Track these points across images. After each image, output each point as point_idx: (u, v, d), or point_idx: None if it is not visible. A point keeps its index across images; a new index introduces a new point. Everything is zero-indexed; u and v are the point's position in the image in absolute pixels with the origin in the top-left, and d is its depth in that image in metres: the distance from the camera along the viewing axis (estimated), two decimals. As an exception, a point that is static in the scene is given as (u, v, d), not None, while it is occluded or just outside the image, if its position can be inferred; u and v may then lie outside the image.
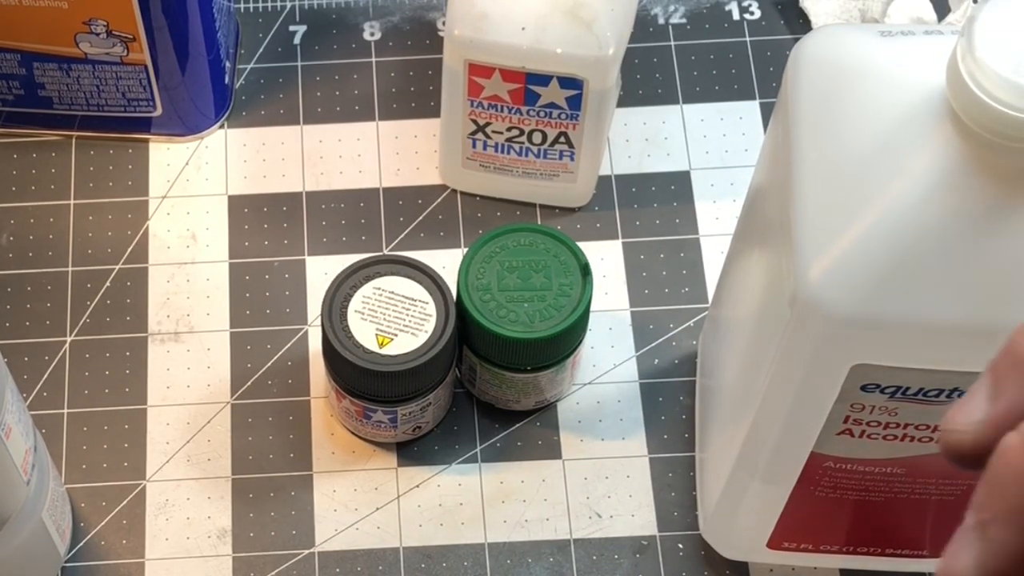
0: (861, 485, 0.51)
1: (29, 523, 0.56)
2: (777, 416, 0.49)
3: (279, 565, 0.61)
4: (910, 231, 0.42)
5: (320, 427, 0.64)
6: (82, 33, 0.64)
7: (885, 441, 0.48)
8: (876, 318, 0.43)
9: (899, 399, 0.47)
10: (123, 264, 0.66)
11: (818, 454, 0.50)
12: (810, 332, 0.45)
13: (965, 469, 0.36)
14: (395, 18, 0.72)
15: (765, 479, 0.53)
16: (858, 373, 0.45)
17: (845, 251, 0.43)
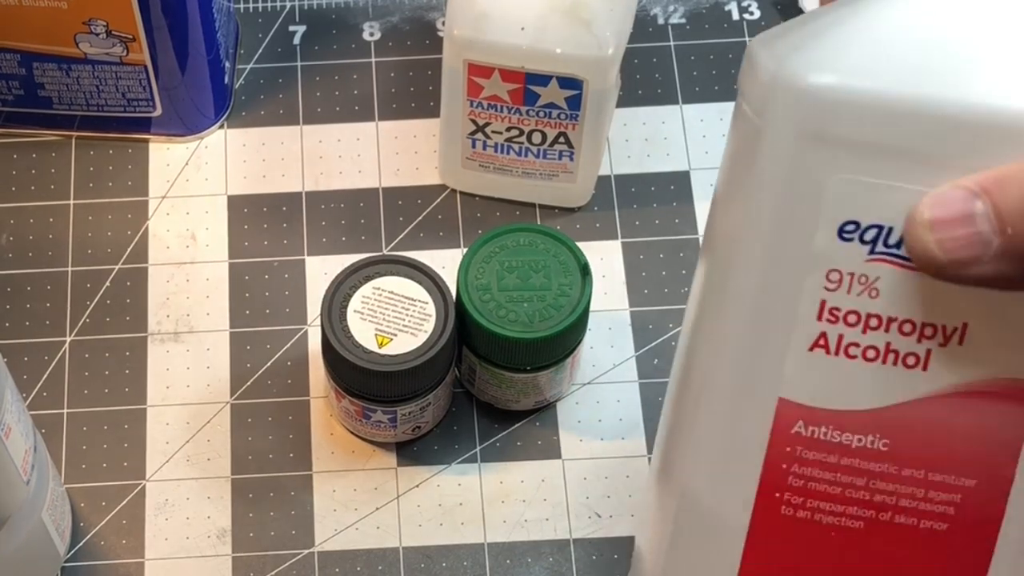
0: (837, 487, 0.45)
1: (29, 523, 0.56)
2: (741, 318, 0.43)
3: (279, 565, 0.61)
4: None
5: (320, 427, 0.64)
6: (82, 33, 0.64)
7: (866, 362, 0.42)
8: (851, 88, 0.39)
9: (880, 257, 0.41)
10: (123, 264, 0.67)
11: (787, 403, 0.43)
12: (784, 131, 0.40)
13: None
14: (395, 18, 0.72)
15: (715, 467, 0.45)
16: (838, 200, 0.40)
17: (812, 33, 0.40)
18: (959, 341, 0.42)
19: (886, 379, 0.42)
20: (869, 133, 0.40)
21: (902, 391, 0.42)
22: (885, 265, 0.41)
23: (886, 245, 0.41)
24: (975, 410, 0.42)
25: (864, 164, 0.40)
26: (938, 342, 0.42)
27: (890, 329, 0.42)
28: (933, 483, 0.43)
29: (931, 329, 0.42)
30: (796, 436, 0.43)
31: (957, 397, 0.42)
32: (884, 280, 0.41)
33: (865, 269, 0.41)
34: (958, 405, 0.42)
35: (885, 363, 0.42)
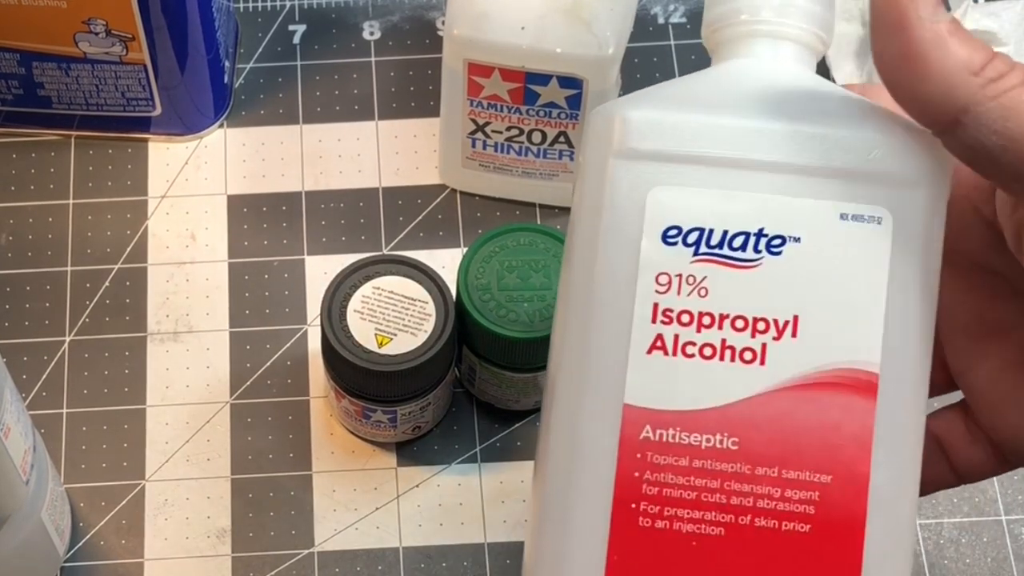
0: (692, 491, 0.43)
1: (28, 523, 0.56)
2: (579, 324, 0.44)
3: (278, 565, 0.61)
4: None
5: (320, 427, 0.64)
6: (81, 33, 0.64)
7: (704, 360, 0.43)
8: (659, 115, 0.44)
9: (704, 258, 0.43)
10: (122, 264, 0.66)
11: (632, 409, 0.43)
12: (604, 154, 0.44)
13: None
14: (395, 18, 0.72)
15: (568, 480, 0.45)
16: (659, 209, 0.43)
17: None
18: (792, 334, 0.43)
19: (726, 376, 0.43)
20: (671, 147, 0.43)
21: (743, 387, 0.43)
22: (710, 265, 0.43)
23: (708, 246, 0.43)
24: (818, 403, 0.43)
25: (675, 175, 0.43)
26: (772, 336, 0.43)
27: (723, 326, 0.43)
28: (788, 481, 0.43)
29: (763, 324, 0.43)
30: (645, 442, 0.43)
31: (798, 390, 0.43)
32: (711, 279, 0.43)
33: (692, 270, 0.43)
34: (800, 398, 0.43)
35: (723, 360, 0.43)
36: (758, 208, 0.43)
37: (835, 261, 0.43)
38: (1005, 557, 0.61)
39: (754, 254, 0.43)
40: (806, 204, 0.43)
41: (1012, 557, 0.61)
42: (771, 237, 0.43)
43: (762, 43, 0.45)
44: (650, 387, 0.43)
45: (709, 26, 0.46)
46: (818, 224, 0.43)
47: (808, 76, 0.45)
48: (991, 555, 0.61)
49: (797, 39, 0.45)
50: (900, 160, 0.43)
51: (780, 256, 0.43)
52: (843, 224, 0.43)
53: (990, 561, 0.61)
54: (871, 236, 0.43)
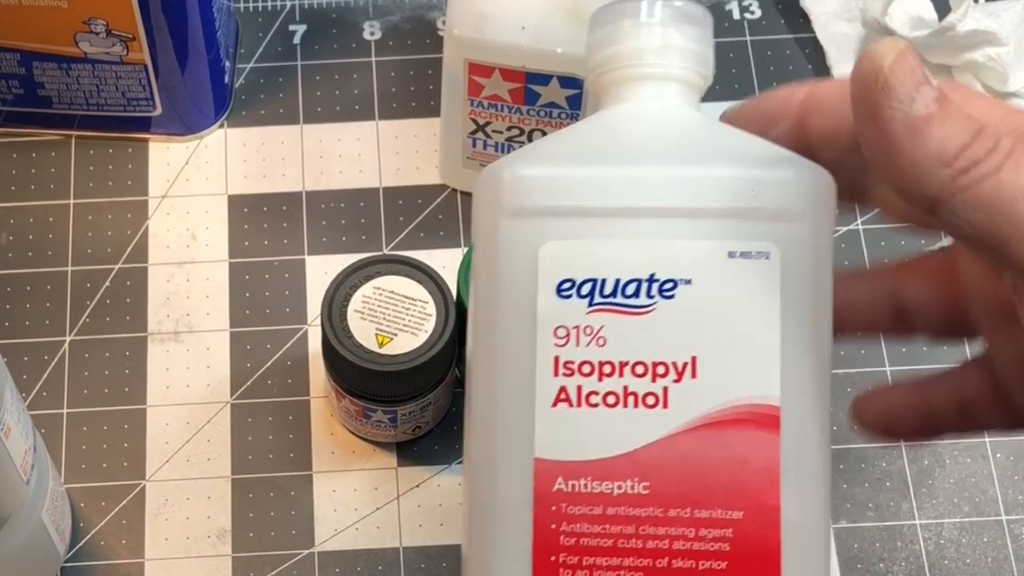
0: (608, 539, 0.44)
1: (29, 523, 0.56)
2: (488, 388, 0.45)
3: (279, 565, 0.61)
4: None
5: (320, 427, 0.64)
6: (82, 33, 0.64)
7: (608, 408, 0.44)
8: (542, 172, 0.44)
9: (600, 308, 0.44)
10: (123, 264, 0.66)
11: (543, 462, 0.44)
12: (494, 214, 0.44)
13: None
14: (395, 18, 0.72)
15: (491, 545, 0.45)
16: (550, 265, 0.44)
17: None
18: (692, 375, 0.43)
19: (631, 422, 0.44)
20: (558, 202, 0.44)
21: (648, 431, 0.44)
22: (606, 314, 0.44)
23: (602, 296, 0.44)
24: (723, 440, 0.43)
25: (564, 229, 0.44)
26: (672, 379, 0.43)
27: (624, 373, 0.44)
28: (701, 521, 0.44)
29: (663, 367, 0.43)
30: (559, 494, 0.44)
31: (703, 430, 0.43)
32: (608, 328, 0.44)
33: (588, 321, 0.44)
34: (706, 438, 0.43)
35: (626, 407, 0.44)
36: (648, 254, 0.44)
37: (727, 299, 0.43)
38: (1005, 557, 0.61)
39: (647, 300, 0.44)
40: (694, 246, 0.43)
41: (1012, 557, 0.61)
42: (663, 282, 0.43)
43: (647, 85, 0.46)
44: (558, 439, 0.44)
45: (593, 71, 0.47)
46: (707, 265, 0.43)
47: (693, 116, 0.46)
48: (991, 555, 0.61)
49: (680, 79, 0.46)
50: (783, 195, 0.43)
51: (673, 299, 0.43)
52: (732, 262, 0.43)
53: (990, 561, 0.61)
54: (760, 272, 0.43)
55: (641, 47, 0.46)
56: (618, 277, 0.44)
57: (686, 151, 0.45)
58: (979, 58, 0.66)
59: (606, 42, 0.47)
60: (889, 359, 0.65)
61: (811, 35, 0.71)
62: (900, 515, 0.62)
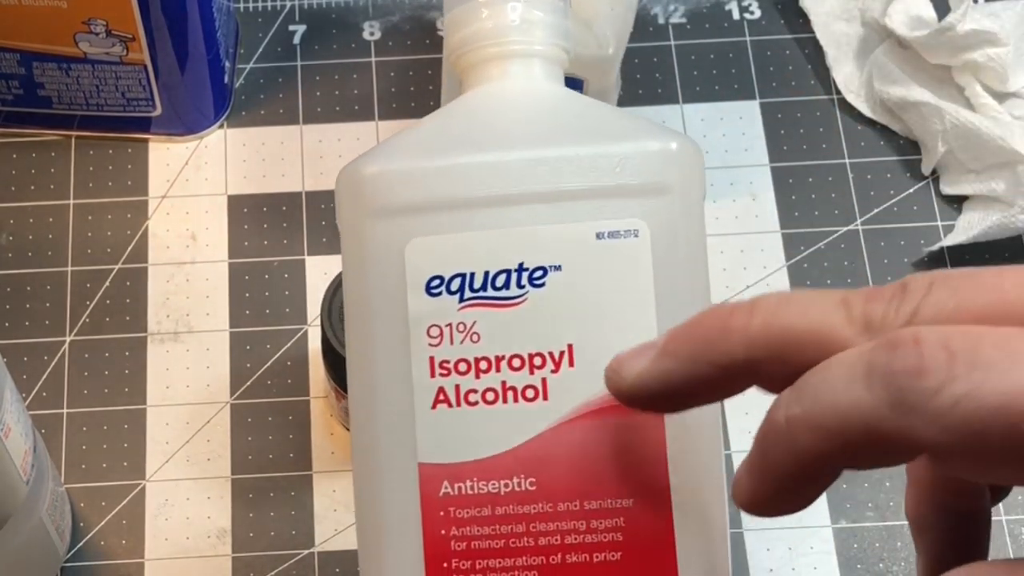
0: (499, 540, 0.43)
1: (28, 523, 0.56)
2: (366, 393, 0.44)
3: (279, 565, 0.61)
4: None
5: (320, 427, 0.64)
6: (81, 33, 0.64)
7: (488, 406, 0.43)
8: (398, 167, 0.43)
9: (469, 303, 0.43)
10: (122, 264, 0.66)
11: (427, 467, 0.43)
12: (356, 215, 0.44)
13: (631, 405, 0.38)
14: (395, 18, 0.72)
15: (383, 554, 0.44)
16: (418, 261, 0.43)
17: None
18: (569, 363, 0.42)
19: (512, 417, 0.43)
20: (420, 197, 0.43)
21: (531, 425, 0.43)
22: (477, 309, 0.43)
23: (472, 290, 0.43)
24: (606, 427, 0.42)
25: (428, 224, 0.43)
26: (549, 369, 0.43)
27: (501, 368, 0.43)
28: (591, 512, 0.43)
29: (539, 359, 0.43)
30: (446, 498, 0.43)
31: (585, 419, 0.42)
32: (480, 323, 0.43)
33: (460, 317, 0.43)
34: (589, 427, 0.42)
35: (507, 403, 0.43)
36: (515, 243, 0.43)
37: (598, 282, 0.42)
38: (1006, 557, 0.61)
39: (518, 290, 0.43)
40: (561, 230, 0.43)
41: (1012, 557, 0.61)
42: (532, 270, 0.43)
43: (510, 64, 0.45)
44: (441, 442, 0.43)
45: (453, 52, 0.46)
46: (576, 248, 0.42)
47: (558, 93, 0.45)
48: (991, 555, 0.61)
49: (543, 55, 0.45)
50: (647, 168, 0.43)
51: (544, 288, 0.43)
52: (600, 243, 0.43)
53: (990, 561, 0.61)
54: (630, 250, 0.43)
55: (501, 24, 0.45)
56: (487, 269, 0.43)
57: (550, 131, 0.44)
58: (979, 58, 0.66)
59: (465, 21, 0.46)
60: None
61: (811, 35, 0.71)
62: (900, 515, 0.62)
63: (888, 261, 0.67)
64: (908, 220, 0.68)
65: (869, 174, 0.69)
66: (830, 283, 0.66)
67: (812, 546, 0.61)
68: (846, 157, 0.69)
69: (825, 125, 0.70)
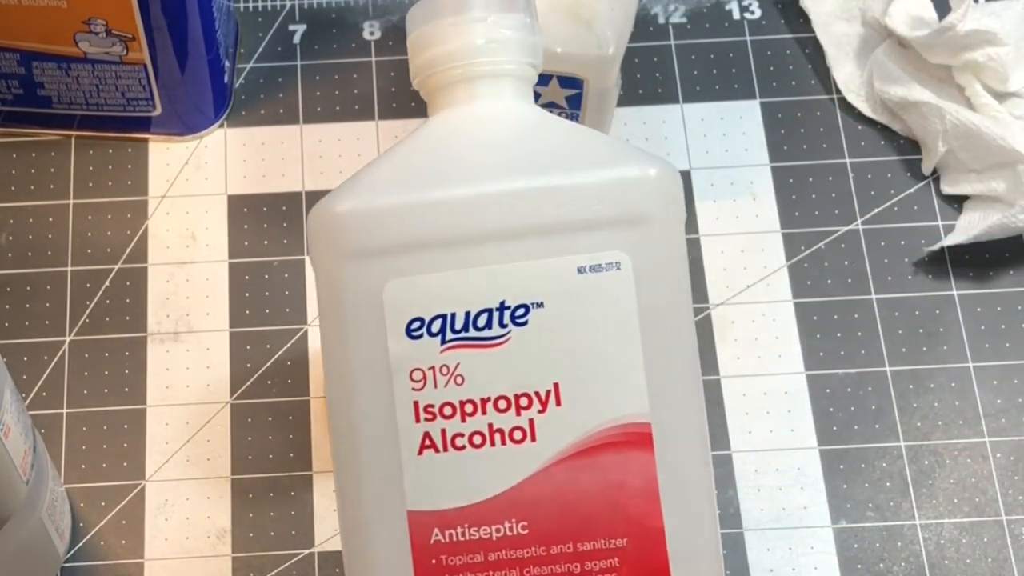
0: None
1: (28, 523, 0.56)
2: (349, 441, 0.43)
3: (279, 565, 0.61)
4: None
5: (320, 427, 0.63)
6: (81, 32, 0.64)
7: (475, 450, 0.42)
8: (369, 206, 0.42)
9: (452, 344, 0.42)
10: (122, 264, 0.66)
11: (417, 514, 0.42)
12: (328, 258, 0.43)
13: None
14: (395, 17, 0.72)
15: None
16: (397, 303, 0.42)
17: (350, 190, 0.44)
18: (556, 403, 0.42)
19: (501, 461, 0.42)
20: (397, 237, 0.42)
21: (520, 468, 0.42)
22: (460, 350, 0.42)
23: (454, 331, 0.42)
24: (597, 466, 0.42)
25: (406, 265, 0.42)
26: (536, 409, 0.42)
27: (487, 411, 0.42)
28: (585, 554, 0.42)
29: (526, 399, 0.42)
30: (437, 545, 0.42)
31: (575, 458, 0.42)
32: (464, 365, 0.42)
33: (443, 360, 0.42)
34: (579, 466, 0.42)
35: (494, 445, 0.42)
36: (495, 281, 0.42)
37: (582, 318, 0.42)
38: (1006, 557, 0.61)
39: (500, 329, 0.42)
40: (542, 266, 0.42)
41: (1012, 557, 0.61)
42: (514, 308, 0.42)
43: (479, 85, 0.44)
44: (429, 488, 0.42)
45: (419, 73, 0.45)
46: (557, 284, 0.42)
47: (529, 115, 0.44)
48: (991, 555, 0.61)
49: (511, 73, 0.44)
50: (627, 199, 0.42)
51: (527, 326, 0.42)
52: (582, 278, 0.42)
53: (990, 561, 0.61)
54: (613, 283, 0.42)
55: (467, 45, 0.44)
56: (467, 309, 0.42)
57: (525, 160, 0.43)
58: (979, 58, 0.66)
59: (429, 42, 0.44)
60: (889, 359, 0.65)
61: (811, 35, 0.71)
62: (900, 515, 0.62)
63: (888, 261, 0.67)
64: (908, 220, 0.68)
65: (869, 174, 0.69)
66: (830, 283, 0.66)
67: (812, 546, 0.61)
68: (846, 157, 0.69)
69: (825, 125, 0.70)
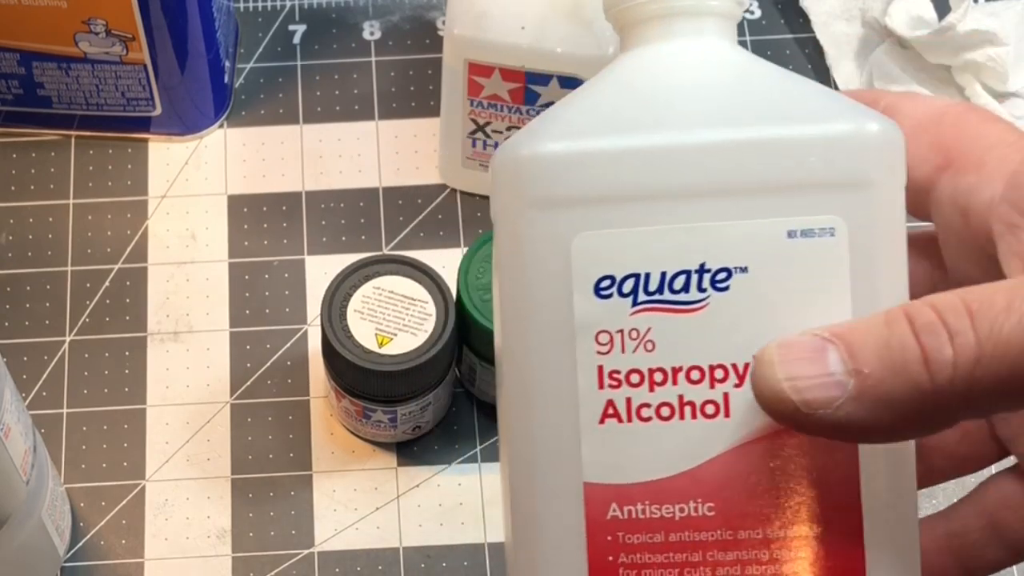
0: (673, 569, 0.39)
1: (28, 523, 0.56)
2: (524, 406, 0.39)
3: (279, 565, 0.61)
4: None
5: (320, 427, 0.64)
6: (81, 32, 0.64)
7: (662, 422, 0.38)
8: (567, 150, 0.38)
9: (644, 307, 0.38)
10: (122, 264, 0.66)
11: (594, 487, 0.39)
12: (516, 205, 0.39)
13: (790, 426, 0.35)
14: (395, 17, 0.72)
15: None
16: (587, 259, 0.38)
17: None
18: None
19: (689, 435, 0.39)
20: (589, 186, 0.38)
21: (710, 445, 0.39)
22: (653, 314, 0.38)
23: (647, 293, 0.38)
24: (795, 451, 0.38)
25: (598, 217, 0.38)
26: (732, 383, 0.38)
27: (678, 381, 0.38)
28: (775, 541, 0.39)
29: (721, 371, 0.38)
30: (614, 521, 0.39)
31: (770, 438, 0.38)
32: (656, 330, 0.38)
33: (633, 323, 0.38)
34: (775, 448, 0.38)
35: (683, 419, 0.38)
36: (696, 240, 0.38)
37: (790, 287, 0.38)
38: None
39: (699, 294, 0.38)
40: (748, 227, 0.38)
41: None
42: (715, 272, 0.38)
43: (679, 22, 0.40)
44: (609, 461, 0.39)
45: (614, 6, 0.41)
46: (764, 248, 0.38)
47: (733, 56, 0.40)
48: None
49: (715, 11, 0.40)
50: (846, 159, 0.38)
51: (728, 291, 0.38)
52: (792, 243, 0.38)
53: (990, 561, 0.61)
54: (825, 251, 0.38)
55: None
56: (664, 270, 0.38)
57: (731, 108, 0.39)
58: (979, 58, 0.66)
59: None
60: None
61: (811, 35, 0.71)
62: (900, 515, 0.62)
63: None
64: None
65: (869, 174, 0.69)
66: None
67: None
68: (846, 157, 0.69)
69: (825, 125, 0.70)
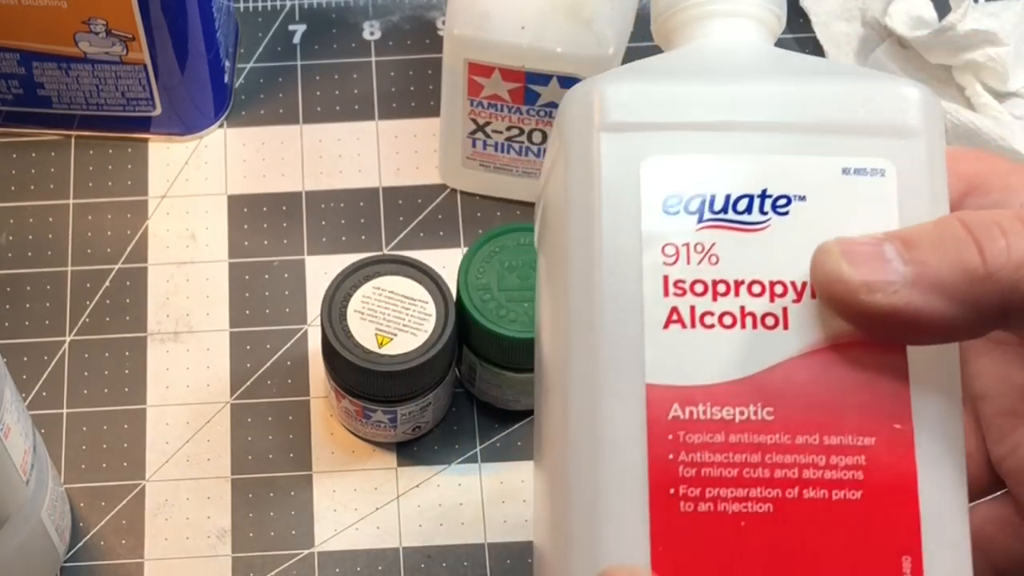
0: (732, 468, 0.41)
1: (28, 523, 0.56)
2: (588, 311, 0.42)
3: (279, 565, 0.61)
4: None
5: (320, 427, 0.64)
6: (81, 32, 0.64)
7: (725, 330, 0.41)
8: (644, 85, 0.43)
9: (711, 224, 0.41)
10: (122, 264, 0.66)
11: (656, 388, 0.41)
12: (589, 128, 0.42)
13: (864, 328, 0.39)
14: (395, 17, 0.72)
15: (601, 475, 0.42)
16: (654, 180, 0.42)
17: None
18: (812, 295, 0.41)
19: (750, 344, 0.41)
20: (660, 114, 0.42)
21: (770, 354, 0.41)
22: (717, 230, 0.41)
23: (712, 211, 0.42)
24: (849, 363, 0.41)
25: (667, 142, 0.42)
26: (791, 299, 0.41)
27: (740, 293, 0.41)
28: (831, 448, 0.41)
29: (781, 287, 0.41)
30: (675, 421, 0.41)
31: (827, 352, 0.41)
32: (720, 245, 0.41)
33: (699, 238, 0.41)
34: (831, 360, 0.41)
35: (744, 328, 0.41)
36: (758, 169, 0.42)
37: (843, 217, 0.41)
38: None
39: (760, 216, 0.42)
40: (807, 162, 0.42)
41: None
42: (776, 197, 0.42)
43: (723, 23, 0.44)
44: (672, 363, 0.41)
45: (662, 14, 0.45)
46: (822, 181, 0.42)
47: (772, 50, 0.44)
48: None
49: (756, 17, 0.44)
50: (896, 110, 0.42)
51: (787, 216, 0.41)
52: (847, 179, 0.42)
53: (990, 561, 0.61)
54: (876, 189, 0.42)
55: None
56: (728, 192, 0.41)
57: (784, 69, 0.43)
58: (979, 58, 0.66)
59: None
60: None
61: (811, 35, 0.71)
62: (900, 515, 0.62)
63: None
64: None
65: (869, 174, 0.69)
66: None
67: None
68: (846, 157, 0.69)
69: (825, 125, 0.70)
